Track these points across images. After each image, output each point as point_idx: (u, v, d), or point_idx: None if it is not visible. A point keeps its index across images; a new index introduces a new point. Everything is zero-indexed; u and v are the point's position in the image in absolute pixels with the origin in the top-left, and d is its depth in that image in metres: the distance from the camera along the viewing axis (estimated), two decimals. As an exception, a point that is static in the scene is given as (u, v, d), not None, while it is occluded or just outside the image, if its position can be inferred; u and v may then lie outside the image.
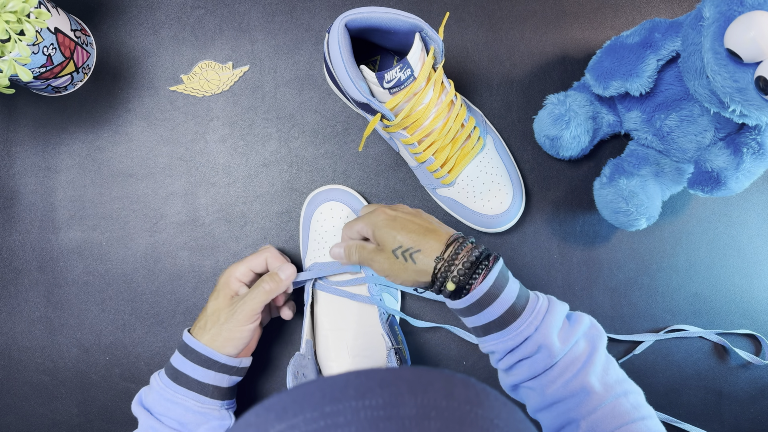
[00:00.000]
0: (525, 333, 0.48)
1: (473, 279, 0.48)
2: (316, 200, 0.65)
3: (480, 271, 0.48)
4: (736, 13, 0.45)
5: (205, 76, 0.69)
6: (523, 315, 0.48)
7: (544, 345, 0.47)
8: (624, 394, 0.47)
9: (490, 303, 0.48)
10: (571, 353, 0.47)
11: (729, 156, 0.55)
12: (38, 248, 0.68)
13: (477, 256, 0.49)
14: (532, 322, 0.48)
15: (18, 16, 0.53)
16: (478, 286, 0.48)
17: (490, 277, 0.48)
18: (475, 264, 0.49)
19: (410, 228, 0.51)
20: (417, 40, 0.55)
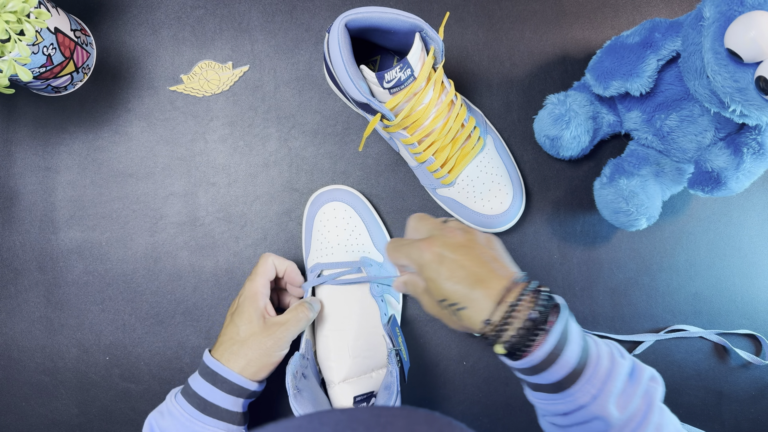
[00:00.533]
0: (580, 401, 0.42)
1: (528, 343, 0.42)
2: (319, 200, 0.65)
3: (537, 335, 0.42)
4: (737, 13, 0.45)
5: (205, 76, 0.69)
6: (579, 380, 0.42)
7: (600, 416, 0.42)
8: None
9: (546, 368, 0.42)
10: (631, 418, 0.43)
11: (729, 156, 0.55)
12: (38, 248, 0.68)
13: (535, 318, 0.42)
14: (589, 390, 0.42)
15: (18, 16, 0.53)
16: (532, 353, 0.42)
17: (547, 344, 0.42)
18: (532, 329, 0.42)
19: (458, 276, 0.44)
20: (417, 40, 0.54)
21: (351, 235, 0.63)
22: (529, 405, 0.68)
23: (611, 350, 0.45)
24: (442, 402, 0.68)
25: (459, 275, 0.44)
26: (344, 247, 0.63)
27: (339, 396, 0.60)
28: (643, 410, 0.43)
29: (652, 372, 0.46)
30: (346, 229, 0.63)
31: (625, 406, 0.43)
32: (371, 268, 0.61)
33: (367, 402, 0.61)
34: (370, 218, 0.65)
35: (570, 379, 0.42)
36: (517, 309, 0.42)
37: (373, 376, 0.62)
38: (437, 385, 0.68)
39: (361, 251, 0.63)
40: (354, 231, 0.64)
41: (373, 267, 0.62)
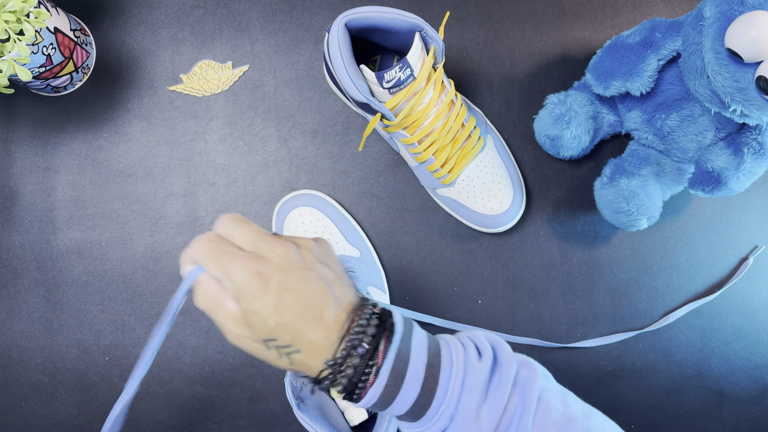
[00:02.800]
0: (439, 426, 0.38)
1: (362, 383, 0.37)
2: (283, 210, 0.65)
3: (368, 372, 0.36)
4: (737, 13, 0.45)
5: (204, 76, 0.69)
6: (433, 404, 0.37)
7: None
8: None
9: (390, 402, 0.37)
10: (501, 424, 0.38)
11: (730, 156, 0.55)
12: (37, 248, 0.68)
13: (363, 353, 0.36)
14: (444, 413, 0.37)
15: (17, 15, 0.53)
16: (367, 392, 0.37)
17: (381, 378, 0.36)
18: (361, 366, 0.36)
19: (293, 311, 0.36)
20: (417, 40, 0.54)
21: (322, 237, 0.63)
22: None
23: (466, 354, 0.39)
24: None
25: (294, 310, 0.36)
26: None
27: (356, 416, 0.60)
28: (518, 406, 0.39)
29: (522, 360, 0.41)
30: (315, 232, 0.64)
31: (492, 415, 0.38)
32: (350, 264, 0.62)
33: None
34: (337, 216, 0.65)
35: (422, 404, 0.38)
36: (350, 353, 0.36)
37: None
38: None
39: (336, 250, 0.63)
40: (324, 232, 0.64)
41: (351, 263, 0.62)
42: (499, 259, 0.68)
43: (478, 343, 0.41)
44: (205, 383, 0.68)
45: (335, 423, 0.55)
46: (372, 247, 0.67)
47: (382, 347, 0.37)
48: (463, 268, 0.68)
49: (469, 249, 0.68)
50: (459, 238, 0.68)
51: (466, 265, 0.68)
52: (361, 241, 0.66)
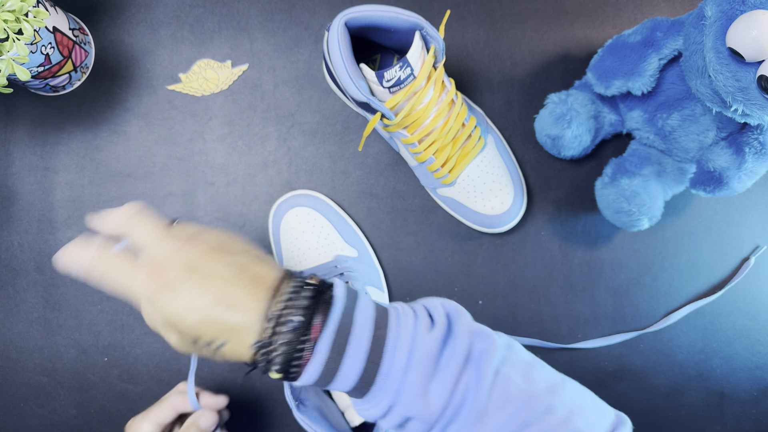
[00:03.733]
0: (385, 402, 0.35)
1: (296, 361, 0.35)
2: (280, 211, 0.65)
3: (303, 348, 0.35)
4: (738, 12, 0.45)
5: (203, 75, 0.69)
6: (377, 380, 0.35)
7: (412, 415, 0.36)
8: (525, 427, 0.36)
9: (332, 379, 0.35)
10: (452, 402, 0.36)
11: (731, 156, 0.55)
12: (36, 248, 0.68)
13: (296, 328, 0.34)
14: (390, 387, 0.35)
15: (16, 15, 0.52)
16: (305, 369, 0.35)
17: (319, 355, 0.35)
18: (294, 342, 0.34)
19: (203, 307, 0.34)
20: (417, 39, 0.54)
21: (319, 237, 0.63)
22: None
23: (416, 324, 0.37)
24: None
25: (203, 304, 0.34)
26: (315, 251, 0.63)
27: (343, 397, 0.60)
28: (472, 383, 0.36)
29: (478, 330, 0.38)
30: (312, 232, 0.63)
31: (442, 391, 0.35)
32: (347, 264, 0.61)
33: None
34: (333, 215, 0.65)
35: (366, 379, 0.35)
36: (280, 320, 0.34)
37: None
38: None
39: (333, 250, 0.63)
40: (321, 232, 0.64)
41: (349, 263, 0.62)
42: (499, 260, 0.68)
43: (432, 312, 0.38)
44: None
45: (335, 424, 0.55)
46: (370, 247, 0.67)
47: (318, 321, 0.35)
48: (463, 269, 0.68)
49: (470, 249, 0.68)
50: (459, 238, 0.68)
51: (466, 266, 0.68)
52: (358, 241, 0.66)
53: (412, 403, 0.35)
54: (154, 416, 0.49)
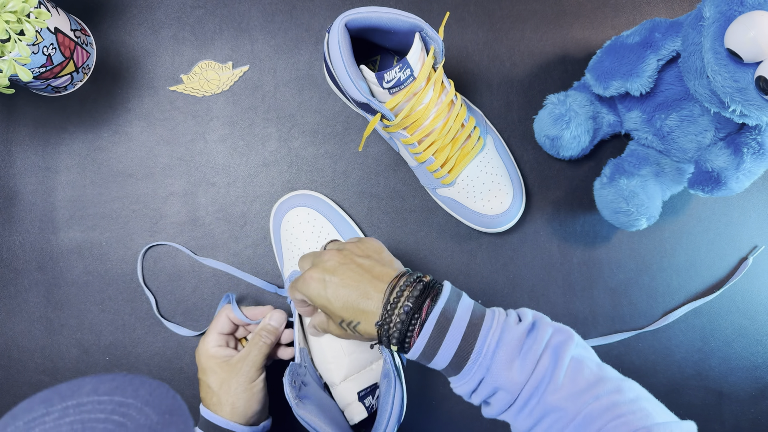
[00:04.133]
0: (477, 376, 0.44)
1: (409, 334, 0.45)
2: (280, 211, 0.65)
3: (413, 324, 0.45)
4: (737, 13, 0.45)
5: (204, 76, 0.69)
6: (471, 357, 0.44)
7: (500, 386, 0.44)
8: (596, 399, 0.42)
9: (434, 355, 0.45)
10: (533, 377, 0.44)
11: (729, 156, 0.55)
12: (38, 248, 0.68)
13: (408, 310, 0.45)
14: (482, 364, 0.44)
15: (18, 16, 0.53)
16: (415, 341, 0.45)
17: (425, 330, 0.45)
18: (407, 321, 0.45)
19: (343, 296, 0.47)
20: (417, 40, 0.54)
21: (319, 237, 0.63)
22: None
23: (507, 319, 0.46)
24: (442, 401, 0.68)
25: (344, 295, 0.47)
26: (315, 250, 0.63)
27: (343, 395, 0.60)
28: (550, 365, 0.43)
29: (558, 326, 0.46)
30: (313, 232, 0.64)
31: (524, 368, 0.43)
32: None
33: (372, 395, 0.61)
34: (334, 215, 0.65)
35: (462, 357, 0.45)
36: (397, 305, 0.46)
37: (374, 368, 0.62)
38: (437, 385, 0.68)
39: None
40: (321, 232, 0.64)
41: None
42: (498, 259, 0.68)
43: (520, 313, 0.47)
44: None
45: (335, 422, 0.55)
46: None
47: (426, 306, 0.45)
48: (462, 268, 0.68)
49: (469, 249, 0.68)
50: (459, 238, 0.68)
51: (465, 265, 0.68)
52: None
53: (499, 376, 0.44)
54: (214, 329, 0.59)
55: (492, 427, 0.68)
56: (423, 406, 0.68)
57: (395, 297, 0.46)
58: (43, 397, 0.30)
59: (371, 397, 0.61)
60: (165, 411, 0.31)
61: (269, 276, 0.68)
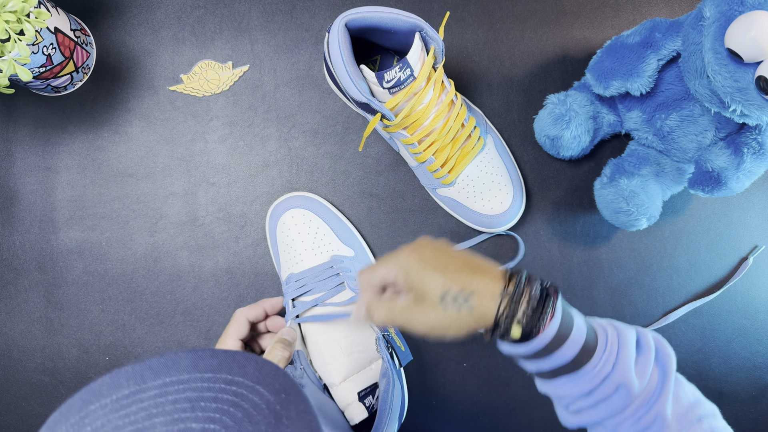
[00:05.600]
0: (602, 373, 0.42)
1: (541, 320, 0.41)
2: (276, 213, 0.65)
3: (547, 311, 0.41)
4: (737, 13, 0.45)
5: (204, 76, 0.69)
6: (596, 352, 0.42)
7: (623, 384, 0.42)
8: (698, 421, 0.42)
9: (561, 344, 0.41)
10: (648, 385, 0.43)
11: (729, 156, 0.55)
12: (38, 248, 0.68)
13: (540, 291, 0.42)
14: (608, 359, 0.42)
15: (18, 15, 0.53)
16: (545, 328, 0.41)
17: (557, 317, 0.41)
18: (540, 302, 0.41)
19: (453, 266, 0.43)
20: (417, 40, 0.54)
21: (315, 238, 0.63)
22: (529, 405, 0.68)
23: (613, 322, 0.45)
24: (442, 402, 0.68)
25: (455, 265, 0.43)
26: (312, 252, 0.63)
27: (343, 395, 0.60)
28: (660, 379, 0.43)
29: (657, 337, 0.45)
30: (309, 233, 0.64)
31: (643, 374, 0.42)
32: (343, 264, 0.62)
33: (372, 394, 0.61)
34: (330, 216, 0.65)
35: (586, 352, 0.42)
36: (523, 286, 0.41)
37: (373, 368, 0.62)
38: (437, 385, 0.68)
39: (330, 250, 0.63)
40: (317, 233, 0.64)
41: (345, 262, 0.62)
42: (498, 259, 0.68)
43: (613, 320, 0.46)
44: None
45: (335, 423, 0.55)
46: (367, 246, 0.67)
47: (553, 293, 0.42)
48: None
49: (469, 249, 0.68)
50: (459, 238, 0.68)
51: (466, 265, 0.68)
52: (355, 241, 0.66)
53: (626, 375, 0.42)
54: (234, 334, 0.55)
55: (492, 427, 0.68)
56: (423, 406, 0.68)
57: (515, 281, 0.42)
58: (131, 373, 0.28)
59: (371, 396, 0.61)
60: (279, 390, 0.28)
61: (267, 276, 0.68)
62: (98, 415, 0.26)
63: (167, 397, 0.26)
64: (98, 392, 0.27)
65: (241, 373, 0.28)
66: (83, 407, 0.27)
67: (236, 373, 0.28)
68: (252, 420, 0.26)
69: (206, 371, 0.28)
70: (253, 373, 0.28)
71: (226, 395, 0.27)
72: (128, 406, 0.26)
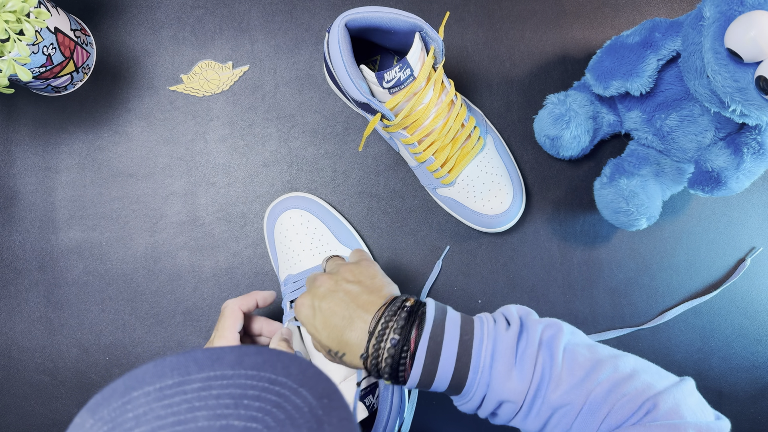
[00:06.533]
0: (479, 394, 0.43)
1: (401, 371, 0.44)
2: (273, 214, 0.65)
3: (404, 358, 0.43)
4: (737, 13, 0.45)
5: (204, 76, 0.69)
6: (469, 377, 0.43)
7: (503, 398, 0.43)
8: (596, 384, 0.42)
9: (432, 380, 0.44)
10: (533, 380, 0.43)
11: (729, 156, 0.55)
12: (38, 248, 0.68)
13: (395, 343, 0.43)
14: (481, 381, 0.43)
15: (17, 15, 0.53)
16: (408, 375, 0.44)
17: (417, 364, 0.43)
18: (396, 356, 0.43)
19: (330, 324, 0.45)
20: (417, 40, 0.54)
21: (314, 239, 0.63)
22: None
23: (496, 327, 0.45)
24: (443, 401, 0.68)
25: (331, 324, 0.46)
26: (310, 253, 0.63)
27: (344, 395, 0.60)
28: (547, 362, 0.43)
29: (547, 322, 0.45)
30: (307, 234, 0.63)
31: (524, 375, 0.43)
32: None
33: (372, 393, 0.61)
34: (328, 217, 0.65)
35: (459, 378, 0.43)
36: (383, 338, 0.44)
37: None
38: (437, 385, 0.68)
39: (328, 251, 0.63)
40: (315, 234, 0.64)
41: None
42: (498, 259, 0.68)
43: (507, 315, 0.46)
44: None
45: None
46: (365, 246, 0.67)
47: (413, 335, 0.43)
48: (463, 268, 0.68)
49: (469, 249, 0.68)
50: (459, 238, 0.68)
51: (466, 265, 0.68)
52: (353, 241, 0.66)
53: (501, 389, 0.43)
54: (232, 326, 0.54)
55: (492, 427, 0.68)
56: (423, 406, 0.68)
57: (380, 330, 0.44)
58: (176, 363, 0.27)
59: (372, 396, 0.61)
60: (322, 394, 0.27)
61: (267, 276, 0.68)
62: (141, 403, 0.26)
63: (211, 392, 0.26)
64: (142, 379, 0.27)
65: (285, 373, 0.28)
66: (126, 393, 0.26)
67: (280, 373, 0.28)
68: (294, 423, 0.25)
69: (251, 368, 0.27)
70: (297, 374, 0.28)
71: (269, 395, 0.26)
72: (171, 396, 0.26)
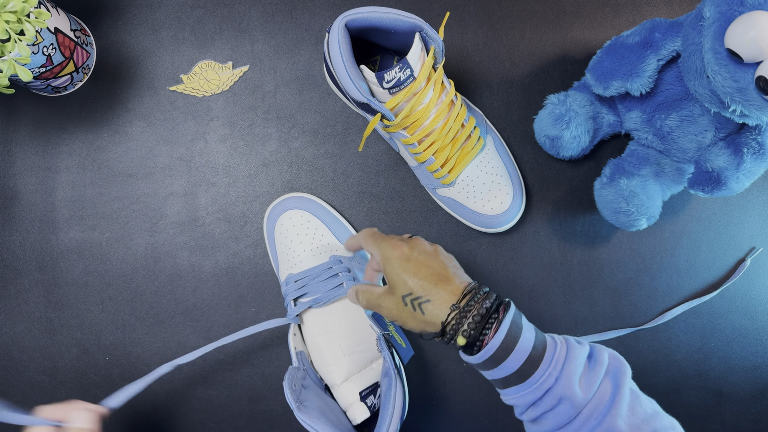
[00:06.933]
0: (545, 385, 0.44)
1: (485, 333, 0.45)
2: (273, 214, 0.65)
3: (491, 324, 0.45)
4: (737, 13, 0.45)
5: (204, 76, 0.69)
6: (541, 366, 0.45)
7: (565, 396, 0.44)
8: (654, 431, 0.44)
9: (506, 357, 0.45)
10: (594, 398, 0.44)
11: (729, 156, 0.55)
12: (38, 248, 0.68)
13: (488, 307, 0.46)
14: (551, 373, 0.44)
15: (18, 16, 0.53)
16: (490, 340, 0.45)
17: (502, 330, 0.44)
18: (486, 316, 0.45)
19: (423, 274, 0.48)
20: (417, 40, 0.54)
21: (314, 239, 0.63)
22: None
23: (567, 339, 0.47)
24: (443, 402, 0.68)
25: (424, 273, 0.48)
26: (310, 253, 0.63)
27: (345, 395, 0.60)
28: (611, 392, 0.44)
29: (612, 353, 0.47)
30: (307, 234, 0.64)
31: (589, 387, 0.44)
32: (342, 265, 0.62)
33: (374, 393, 0.61)
34: (327, 216, 0.65)
35: (531, 365, 0.45)
36: (475, 301, 0.46)
37: (374, 367, 0.62)
38: (437, 385, 0.68)
39: (328, 251, 0.63)
40: (315, 233, 0.64)
41: (344, 263, 0.62)
42: (498, 259, 0.68)
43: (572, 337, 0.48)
44: (205, 383, 0.68)
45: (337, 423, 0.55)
46: None
47: (502, 308, 0.46)
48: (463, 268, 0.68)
49: (469, 249, 0.68)
50: (459, 238, 0.68)
51: (465, 265, 0.68)
52: None
53: (568, 387, 0.44)
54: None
55: (492, 427, 0.68)
56: (423, 406, 0.68)
57: (473, 296, 0.46)
58: None
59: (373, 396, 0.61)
60: None
61: (267, 276, 0.68)
62: None
63: None
64: None
65: None
66: None
67: None
68: None
69: None
70: None
71: None
72: None
